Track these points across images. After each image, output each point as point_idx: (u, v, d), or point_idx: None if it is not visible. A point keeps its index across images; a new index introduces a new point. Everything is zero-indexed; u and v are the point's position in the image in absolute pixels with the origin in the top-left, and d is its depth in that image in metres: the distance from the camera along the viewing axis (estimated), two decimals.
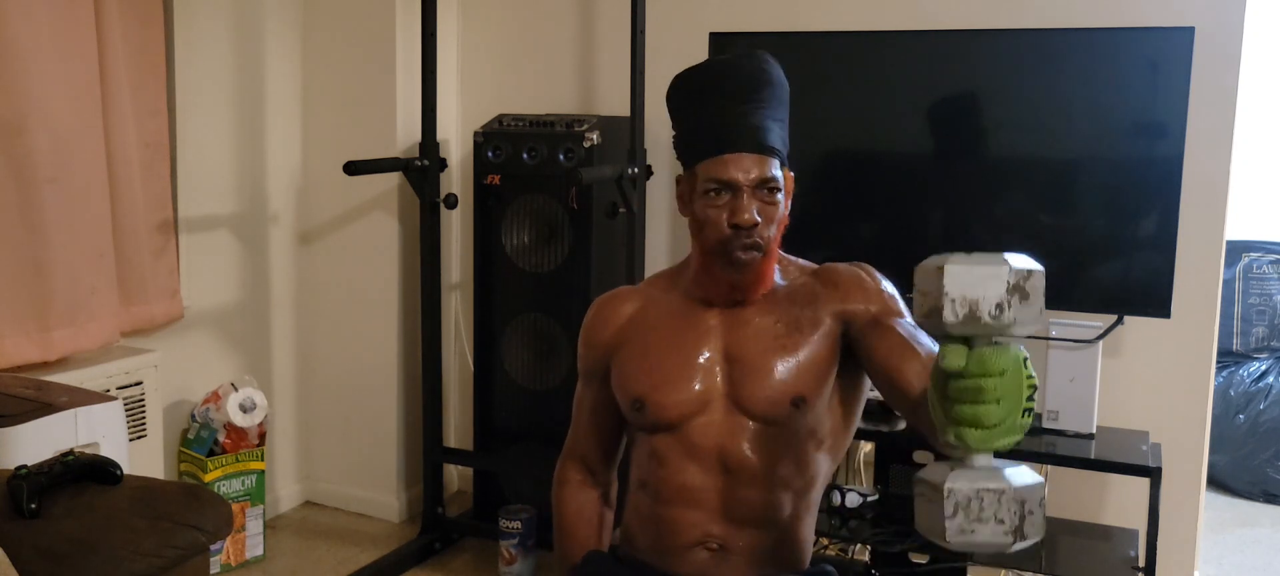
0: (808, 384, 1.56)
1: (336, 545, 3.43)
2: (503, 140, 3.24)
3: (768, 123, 1.56)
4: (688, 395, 1.57)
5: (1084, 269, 2.72)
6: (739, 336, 1.58)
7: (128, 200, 3.01)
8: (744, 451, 1.56)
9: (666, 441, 1.59)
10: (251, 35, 3.43)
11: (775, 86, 1.59)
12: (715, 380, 1.58)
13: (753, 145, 1.53)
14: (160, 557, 1.91)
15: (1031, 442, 2.67)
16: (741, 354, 1.57)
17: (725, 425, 1.57)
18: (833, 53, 2.96)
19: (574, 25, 3.51)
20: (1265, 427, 3.99)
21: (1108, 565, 2.66)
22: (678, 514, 1.59)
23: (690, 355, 1.58)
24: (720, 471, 1.58)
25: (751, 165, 1.52)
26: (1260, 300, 4.18)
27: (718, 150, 1.53)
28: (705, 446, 1.57)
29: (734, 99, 1.55)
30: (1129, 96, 2.65)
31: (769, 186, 1.54)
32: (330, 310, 3.67)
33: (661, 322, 1.63)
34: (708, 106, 1.56)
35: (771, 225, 1.55)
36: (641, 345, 1.63)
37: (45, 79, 2.73)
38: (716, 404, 1.58)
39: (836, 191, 2.97)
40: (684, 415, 1.57)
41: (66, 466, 1.99)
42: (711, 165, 1.53)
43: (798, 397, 1.55)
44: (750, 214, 1.52)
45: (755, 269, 1.56)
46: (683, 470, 1.58)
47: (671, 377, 1.58)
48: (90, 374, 2.80)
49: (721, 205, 1.53)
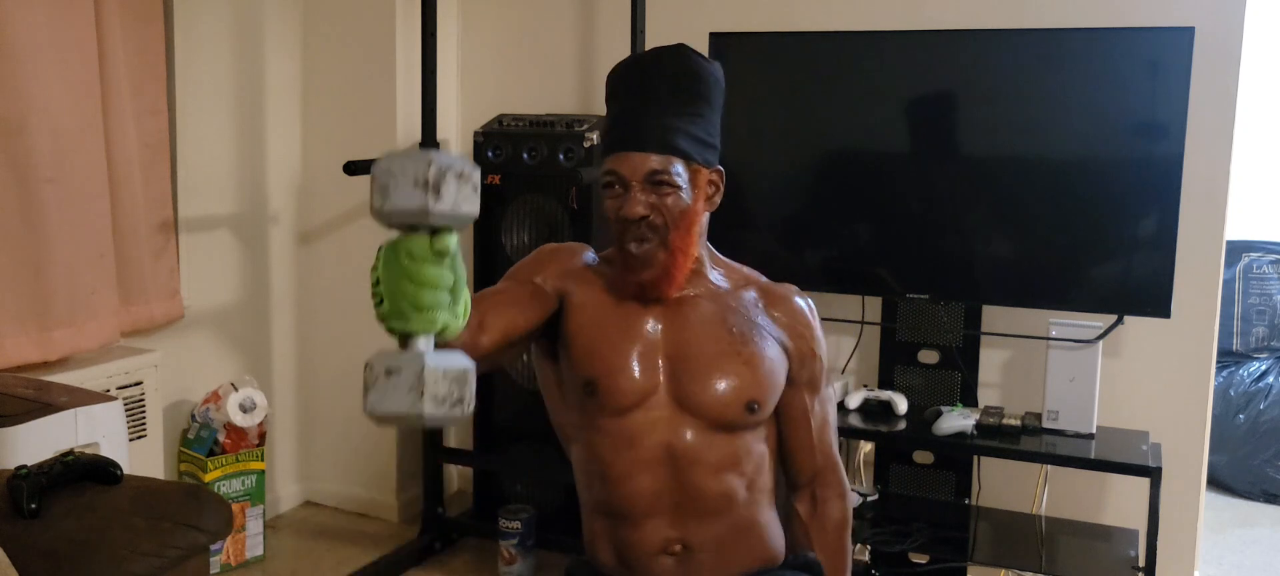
0: (763, 389, 1.59)
1: (336, 545, 3.43)
2: (503, 140, 3.25)
3: (670, 120, 1.55)
4: (634, 383, 1.58)
5: (1084, 269, 2.73)
6: (684, 335, 1.59)
7: (128, 200, 3.01)
8: (690, 442, 1.57)
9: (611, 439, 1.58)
10: (251, 35, 3.43)
11: (695, 81, 1.58)
12: (657, 376, 1.58)
13: (647, 144, 1.54)
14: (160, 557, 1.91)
15: (1031, 443, 2.67)
16: (688, 354, 1.58)
17: (670, 421, 1.58)
18: (832, 53, 2.96)
19: (574, 25, 3.51)
20: (1265, 427, 3.99)
21: (1108, 565, 2.66)
22: (634, 528, 1.59)
23: (636, 344, 1.59)
24: (667, 465, 1.57)
25: (640, 161, 1.54)
26: (1260, 300, 4.18)
27: (612, 148, 1.57)
28: (650, 442, 1.57)
29: (638, 97, 1.57)
30: (1129, 96, 2.65)
31: (659, 179, 1.54)
32: (330, 310, 3.67)
33: (612, 304, 1.62)
34: (622, 103, 1.60)
35: (666, 218, 1.55)
36: (594, 323, 1.61)
37: (45, 79, 2.73)
38: (659, 399, 1.58)
39: (835, 191, 2.97)
40: (632, 403, 1.58)
41: (66, 466, 2.00)
42: (609, 160, 1.57)
43: (753, 402, 1.58)
44: (636, 208, 1.54)
45: (654, 261, 1.56)
46: (631, 476, 1.57)
47: (622, 364, 1.58)
48: (90, 374, 2.80)
49: (615, 198, 1.56)
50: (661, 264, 1.56)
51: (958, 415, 2.71)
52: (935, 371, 2.92)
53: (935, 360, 2.92)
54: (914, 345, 2.93)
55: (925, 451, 2.89)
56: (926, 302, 2.88)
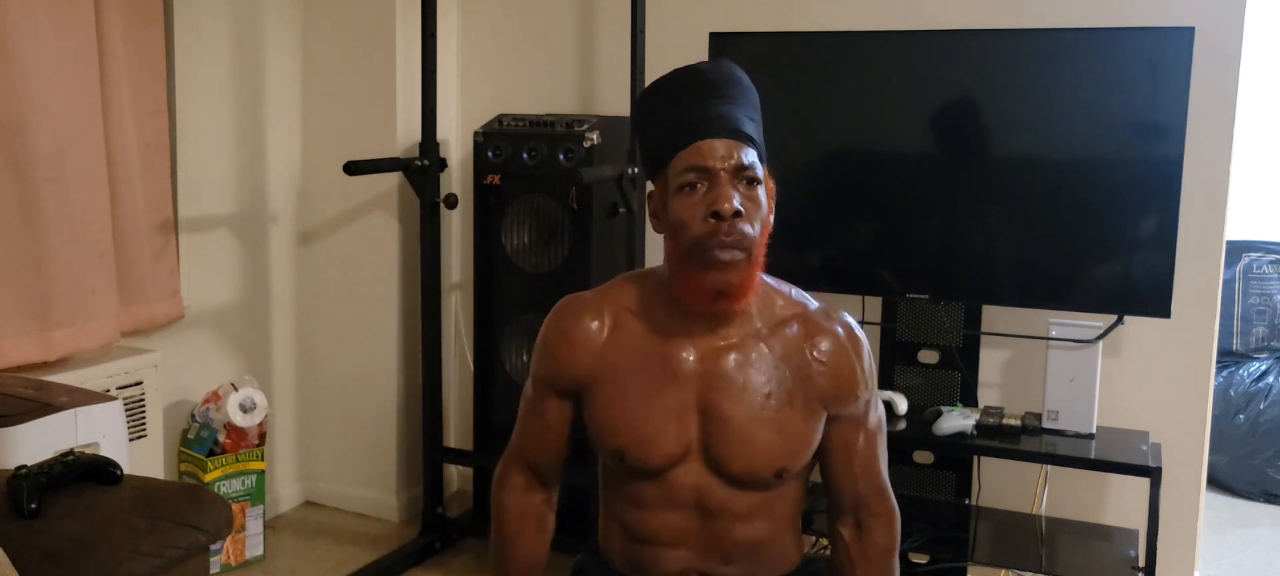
0: (793, 458, 1.54)
1: (336, 545, 3.43)
2: (503, 140, 3.24)
3: (740, 115, 1.47)
4: (666, 452, 1.52)
5: (1084, 269, 2.72)
6: (720, 392, 1.50)
7: (128, 200, 3.01)
8: (722, 500, 1.54)
9: (646, 488, 1.56)
10: (251, 35, 3.43)
11: (744, 88, 1.52)
12: (691, 433, 1.52)
13: (727, 132, 1.43)
14: (160, 557, 1.91)
15: (1031, 443, 2.67)
16: (723, 414, 1.50)
17: (700, 475, 1.54)
18: (833, 53, 2.96)
19: (574, 25, 3.51)
20: (1265, 427, 3.99)
21: (1108, 565, 2.66)
22: (656, 551, 1.58)
23: (668, 405, 1.51)
24: (698, 514, 1.56)
25: (727, 150, 1.42)
26: (1260, 300, 4.18)
27: (690, 139, 1.44)
28: (682, 493, 1.55)
29: (703, 95, 1.47)
30: (1129, 96, 2.65)
31: (748, 175, 1.43)
32: (330, 310, 3.67)
33: (635, 362, 1.53)
34: (676, 108, 1.48)
35: (755, 223, 1.44)
36: (618, 388, 1.53)
37: (45, 79, 2.73)
38: (693, 456, 1.53)
39: (836, 191, 2.97)
40: (664, 466, 1.54)
41: (66, 466, 1.99)
42: (685, 155, 1.44)
43: (781, 470, 1.53)
44: (731, 201, 1.40)
45: (739, 273, 1.44)
46: (660, 515, 1.56)
47: (651, 433, 1.51)
48: (90, 374, 2.80)
49: (698, 197, 1.43)
50: (745, 270, 1.44)
51: (958, 415, 2.71)
52: (935, 371, 2.92)
53: (935, 360, 2.92)
54: (914, 345, 2.93)
55: (925, 451, 2.89)
56: (926, 303, 2.88)
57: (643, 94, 1.57)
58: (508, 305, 3.32)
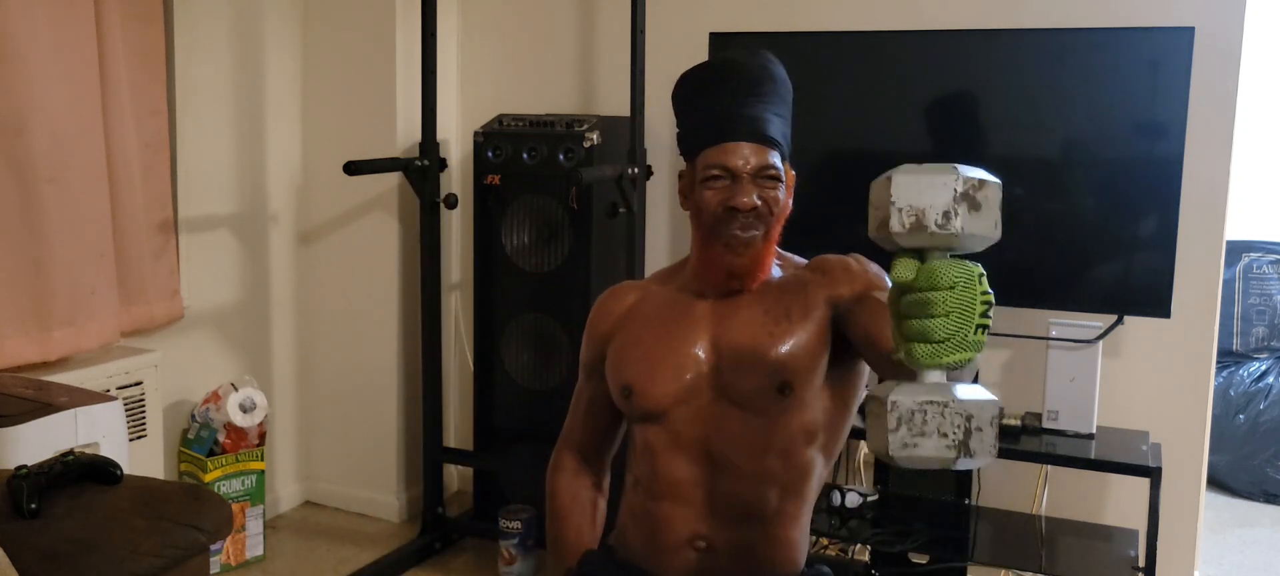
0: (794, 370, 1.55)
1: (336, 545, 3.43)
2: (503, 140, 3.24)
3: (768, 116, 1.60)
4: (674, 385, 1.60)
5: (1084, 269, 2.72)
6: (728, 325, 1.60)
7: (128, 200, 3.01)
8: (728, 442, 1.58)
9: (655, 432, 1.62)
10: (251, 35, 3.43)
11: (777, 83, 1.63)
12: (702, 370, 1.60)
13: (752, 135, 1.58)
14: (160, 557, 1.91)
15: (1031, 443, 2.67)
16: (729, 342, 1.59)
17: (711, 414, 1.59)
18: (833, 53, 2.96)
19: (574, 25, 3.51)
20: (1265, 427, 3.99)
21: (1108, 565, 2.66)
22: (666, 509, 1.61)
23: (679, 344, 1.61)
24: (705, 463, 1.59)
25: (750, 154, 1.57)
26: (1260, 300, 4.18)
27: (719, 139, 1.58)
28: (690, 436, 1.59)
29: (736, 93, 1.59)
30: (1129, 96, 2.65)
31: (768, 174, 1.58)
32: (330, 310, 3.67)
33: (656, 314, 1.67)
34: (710, 100, 1.60)
35: (771, 210, 1.59)
36: (635, 334, 1.66)
37: (45, 79, 2.73)
38: (703, 393, 1.59)
39: (836, 191, 2.97)
40: (669, 404, 1.59)
41: (66, 466, 2.00)
42: (712, 153, 1.58)
43: (783, 383, 1.55)
44: (749, 198, 1.56)
45: (754, 251, 1.58)
46: (671, 462, 1.60)
47: (659, 367, 1.61)
48: (90, 374, 2.80)
49: (720, 189, 1.58)
50: (757, 253, 1.59)
51: None
52: None
53: None
54: None
55: None
56: None
57: (683, 77, 1.67)
58: (508, 305, 3.32)
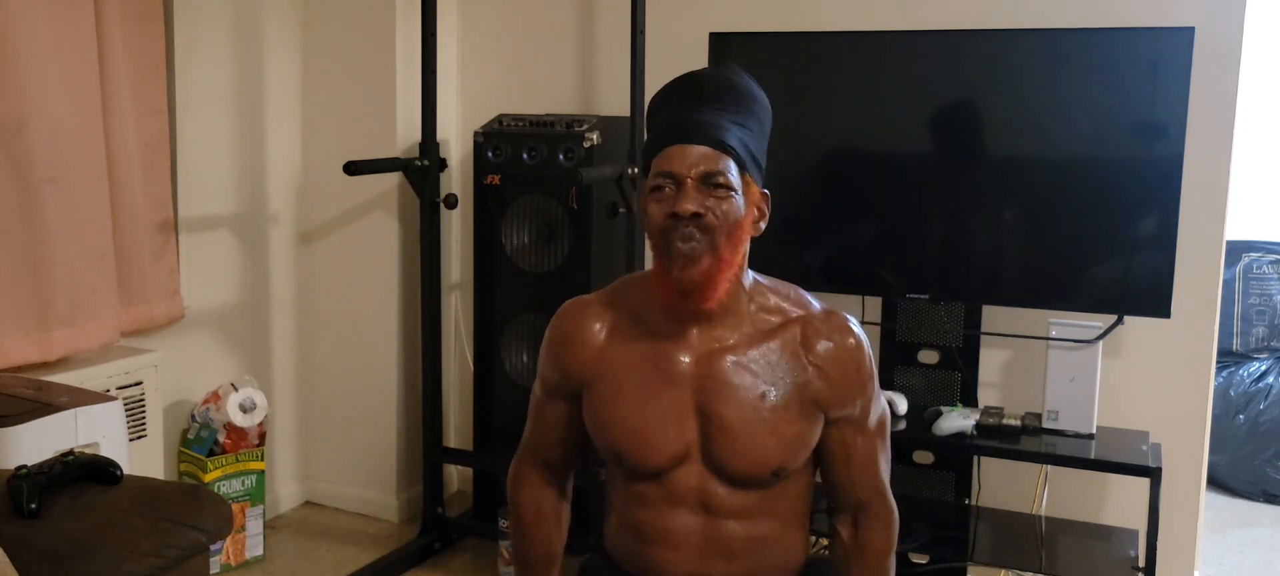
0: (790, 457, 1.55)
1: (336, 545, 3.43)
2: (503, 140, 3.24)
3: (726, 123, 1.50)
4: (666, 451, 1.54)
5: (1084, 269, 2.72)
6: (715, 394, 1.53)
7: (128, 200, 3.01)
8: (722, 499, 1.56)
9: (647, 488, 1.58)
10: (251, 35, 3.43)
11: (743, 96, 1.54)
12: (690, 435, 1.54)
13: (701, 139, 1.47)
14: (160, 557, 1.91)
15: (1031, 443, 2.67)
16: (720, 415, 1.52)
17: (700, 476, 1.56)
18: (833, 53, 2.96)
19: (574, 25, 3.51)
20: (1265, 427, 3.99)
21: (1108, 565, 2.66)
22: (659, 553, 1.59)
23: (665, 407, 1.53)
24: (701, 513, 1.57)
25: (697, 158, 1.46)
26: (1260, 300, 4.18)
27: (666, 143, 1.50)
28: (684, 493, 1.56)
29: (693, 101, 1.52)
30: (1129, 96, 2.65)
31: (716, 181, 1.46)
32: (330, 310, 3.67)
33: (633, 362, 1.56)
34: (665, 111, 1.54)
35: (721, 221, 1.46)
36: (615, 387, 1.56)
37: (45, 79, 2.73)
38: (693, 457, 1.55)
39: (836, 191, 2.97)
40: (663, 467, 1.56)
41: (66, 466, 2.00)
42: (659, 159, 1.49)
43: (780, 469, 1.55)
44: (690, 204, 1.44)
45: (699, 264, 1.46)
46: (662, 515, 1.57)
47: (649, 435, 1.54)
48: (90, 374, 2.80)
49: (664, 199, 1.48)
50: (706, 269, 1.46)
51: (958, 415, 2.71)
52: (935, 371, 2.92)
53: (935, 360, 2.92)
54: (914, 345, 2.93)
55: (925, 451, 2.89)
56: (926, 302, 2.88)
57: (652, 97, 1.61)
58: (508, 305, 3.32)
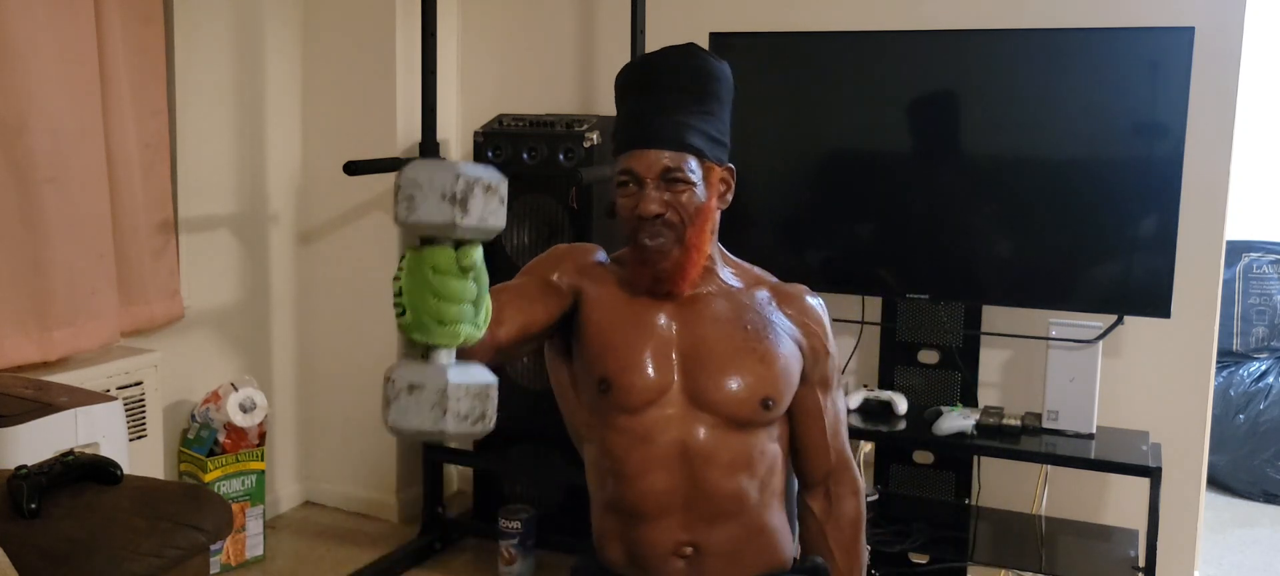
0: (778, 386, 1.58)
1: (336, 545, 3.43)
2: (503, 140, 3.24)
3: (683, 118, 1.57)
4: (648, 382, 1.58)
5: (1084, 269, 2.73)
6: (698, 333, 1.59)
7: (128, 200, 3.01)
8: (704, 440, 1.57)
9: (625, 437, 1.58)
10: (251, 35, 3.43)
11: (703, 78, 1.60)
12: (671, 374, 1.58)
13: (660, 141, 1.56)
14: (160, 557, 1.91)
15: (1031, 443, 2.67)
16: (702, 352, 1.58)
17: (684, 419, 1.57)
18: (832, 53, 2.96)
19: (574, 25, 3.51)
20: (1265, 427, 3.99)
21: (1108, 565, 2.66)
22: (647, 527, 1.59)
23: (649, 342, 1.59)
24: (681, 468, 1.57)
25: (655, 159, 1.55)
26: (1260, 300, 4.18)
27: (625, 146, 1.58)
28: (664, 440, 1.57)
29: (651, 95, 1.59)
30: (1129, 96, 2.65)
31: (674, 177, 1.55)
32: (330, 310, 3.67)
33: (622, 306, 1.63)
34: (628, 103, 1.62)
35: (682, 214, 1.56)
36: (607, 321, 1.61)
37: (45, 79, 2.73)
38: (673, 397, 1.58)
39: (836, 191, 2.97)
40: (645, 401, 1.58)
41: (66, 466, 2.00)
42: (623, 159, 1.58)
43: (768, 398, 1.57)
44: (651, 205, 1.54)
45: (669, 257, 1.57)
46: (644, 473, 1.57)
47: (635, 362, 1.58)
48: (90, 374, 2.80)
49: (630, 195, 1.57)
50: (676, 259, 1.57)
51: (958, 415, 2.71)
52: (935, 371, 2.92)
53: (935, 360, 2.92)
54: (914, 345, 2.93)
55: (925, 451, 2.89)
56: (926, 302, 2.88)
57: (619, 72, 1.67)
58: None
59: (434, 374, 1.11)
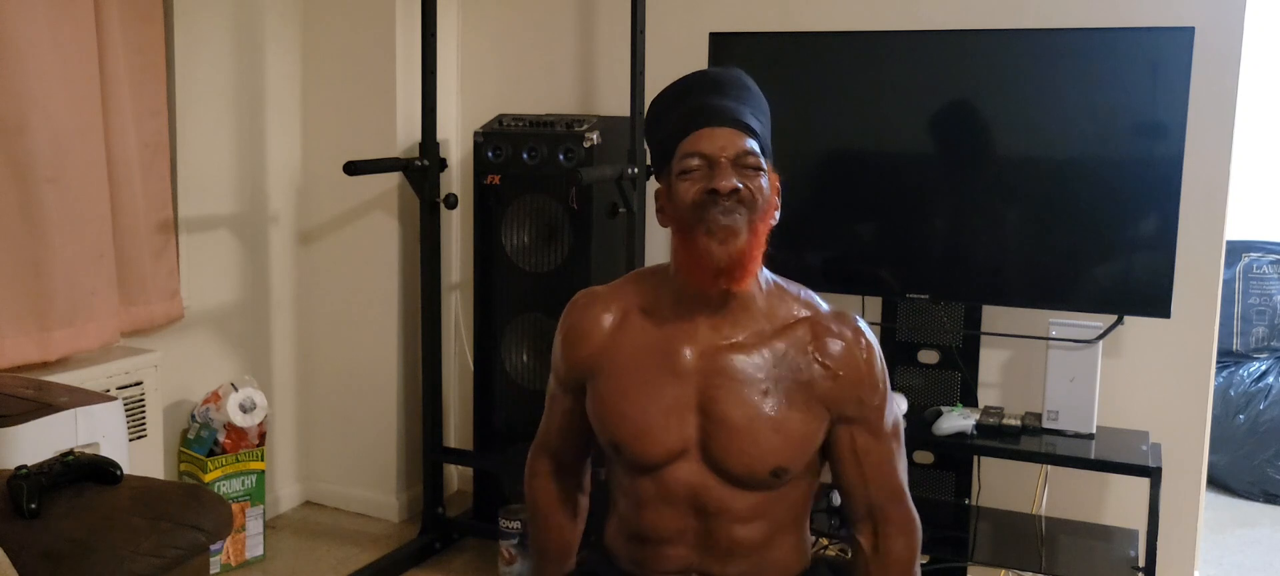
0: (791, 457, 1.53)
1: (336, 545, 3.43)
2: (503, 140, 3.24)
3: (744, 110, 1.53)
4: (664, 448, 1.53)
5: (1084, 269, 2.72)
6: (717, 392, 1.52)
7: (128, 200, 3.01)
8: (719, 499, 1.54)
9: (643, 483, 1.57)
10: (251, 35, 3.43)
11: (752, 93, 1.58)
12: (690, 435, 1.53)
13: (729, 121, 1.50)
14: (160, 557, 1.91)
15: (1031, 443, 2.67)
16: (721, 413, 1.51)
17: (698, 475, 1.54)
18: (833, 53, 2.96)
19: (574, 25, 3.51)
20: (1265, 427, 3.99)
21: (1108, 565, 2.66)
22: (657, 550, 1.59)
23: (667, 403, 1.53)
24: (695, 515, 1.56)
25: (728, 139, 1.49)
26: (1260, 300, 4.18)
27: (694, 128, 1.51)
28: (680, 493, 1.55)
29: (709, 92, 1.54)
30: (1129, 96, 2.65)
31: (748, 161, 1.49)
32: (330, 310, 3.67)
33: (638, 355, 1.57)
34: (683, 102, 1.55)
35: (755, 201, 1.49)
36: (619, 381, 1.57)
37: (45, 79, 2.73)
38: (691, 454, 1.54)
39: (836, 191, 2.97)
40: (660, 463, 1.55)
41: (66, 466, 2.00)
42: (688, 143, 1.50)
43: (778, 469, 1.52)
44: (729, 180, 1.46)
45: (739, 243, 1.47)
46: (659, 514, 1.57)
47: (649, 427, 1.53)
48: (90, 374, 2.80)
49: (699, 178, 1.49)
50: (744, 244, 1.47)
51: (958, 415, 2.71)
52: (935, 371, 2.92)
53: (935, 360, 2.92)
54: (914, 345, 2.93)
55: (925, 451, 2.89)
56: (926, 302, 2.88)
57: (654, 99, 1.61)
58: (508, 305, 3.32)
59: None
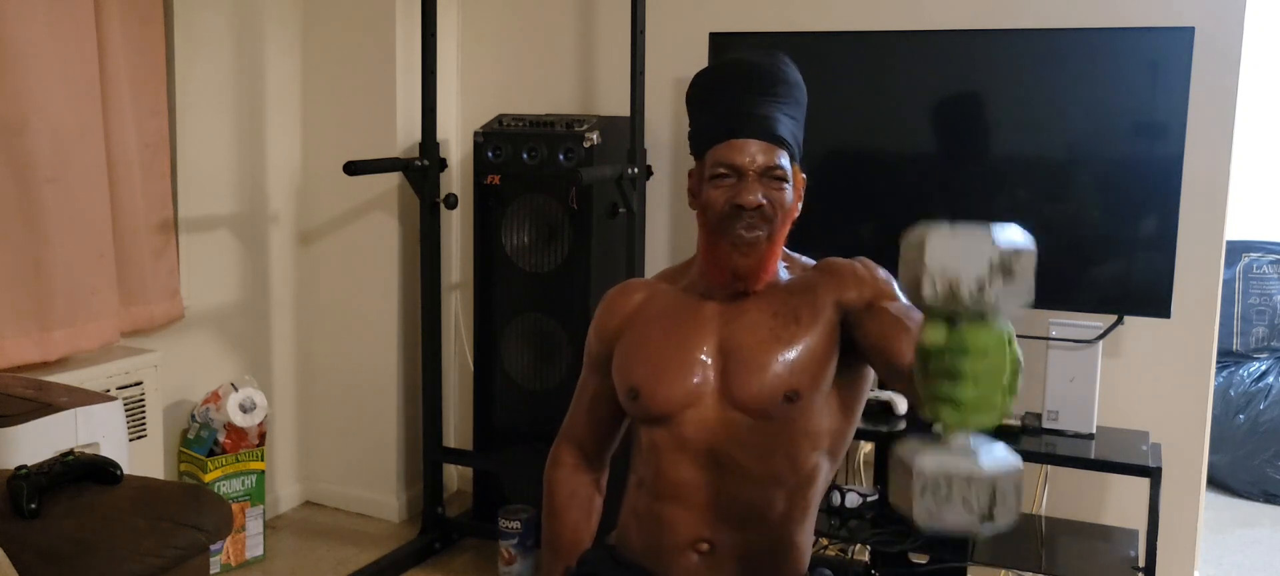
0: (802, 378, 1.55)
1: (336, 545, 3.43)
2: (503, 140, 3.24)
3: (778, 116, 1.59)
4: (680, 388, 1.58)
5: (1084, 269, 2.72)
6: (734, 328, 1.59)
7: (128, 200, 3.01)
8: (734, 447, 1.57)
9: (660, 434, 1.60)
10: (251, 35, 3.43)
11: (790, 85, 1.63)
12: (708, 374, 1.58)
13: (760, 134, 1.57)
14: (160, 557, 1.91)
15: (1031, 443, 2.67)
16: (736, 347, 1.58)
17: (717, 420, 1.57)
18: (833, 53, 2.96)
19: (574, 25, 3.51)
20: (1265, 427, 3.99)
21: (1108, 565, 2.66)
22: (670, 511, 1.60)
23: (685, 347, 1.60)
24: (711, 467, 1.58)
25: (758, 152, 1.56)
26: (1260, 300, 4.18)
27: (727, 137, 1.57)
28: (696, 441, 1.58)
29: (747, 92, 1.59)
30: (1129, 96, 2.65)
31: (774, 174, 1.57)
32: (330, 310, 3.67)
33: (662, 314, 1.65)
34: (722, 98, 1.61)
35: (777, 212, 1.57)
36: (641, 335, 1.65)
37: (45, 79, 2.73)
38: (708, 398, 1.58)
39: (837, 191, 2.97)
40: (676, 408, 1.58)
41: (66, 466, 2.00)
42: (720, 150, 1.58)
43: (791, 392, 1.54)
44: (754, 196, 1.55)
45: (759, 252, 1.57)
46: (675, 465, 1.59)
47: (666, 369, 1.59)
48: (90, 374, 2.80)
49: (727, 187, 1.57)
50: (762, 254, 1.58)
51: None
52: None
53: None
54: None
55: None
56: None
57: (698, 75, 1.67)
58: (508, 305, 3.32)
59: (980, 463, 1.00)
